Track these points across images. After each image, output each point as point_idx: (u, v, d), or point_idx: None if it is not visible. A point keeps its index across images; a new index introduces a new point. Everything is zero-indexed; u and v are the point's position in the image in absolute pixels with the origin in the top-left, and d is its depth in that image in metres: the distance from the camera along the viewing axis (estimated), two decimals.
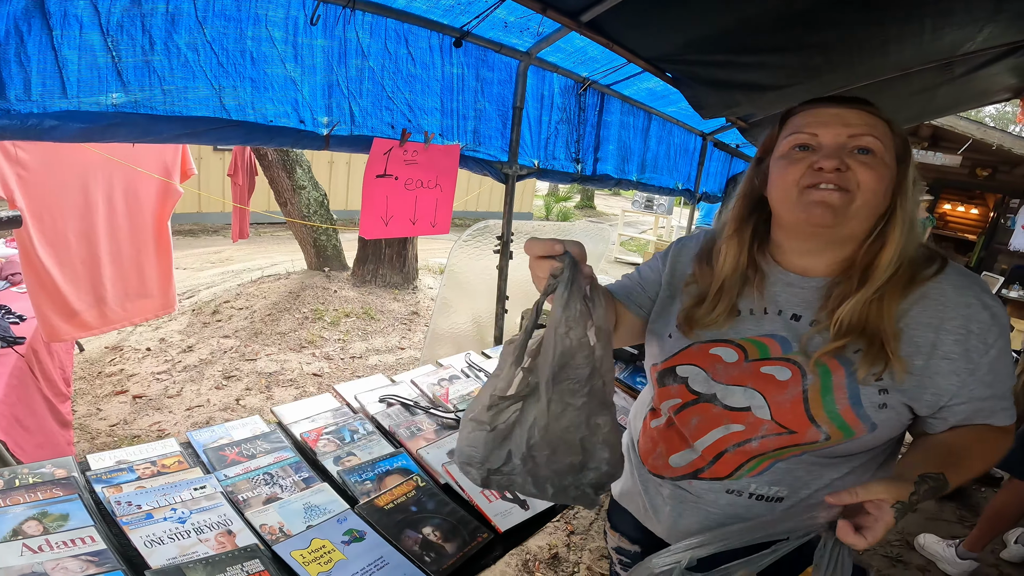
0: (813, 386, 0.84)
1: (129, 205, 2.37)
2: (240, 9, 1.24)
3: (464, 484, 1.28)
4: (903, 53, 2.13)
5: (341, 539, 1.08)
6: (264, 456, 1.32)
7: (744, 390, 0.89)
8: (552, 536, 2.31)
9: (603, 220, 15.24)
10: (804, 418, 0.84)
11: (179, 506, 1.10)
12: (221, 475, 1.22)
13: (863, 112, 0.83)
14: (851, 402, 0.81)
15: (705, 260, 0.99)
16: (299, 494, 1.20)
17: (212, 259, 6.65)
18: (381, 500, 1.19)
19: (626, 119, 2.73)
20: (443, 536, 1.14)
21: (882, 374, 0.81)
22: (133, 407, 3.17)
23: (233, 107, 1.28)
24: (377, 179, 1.61)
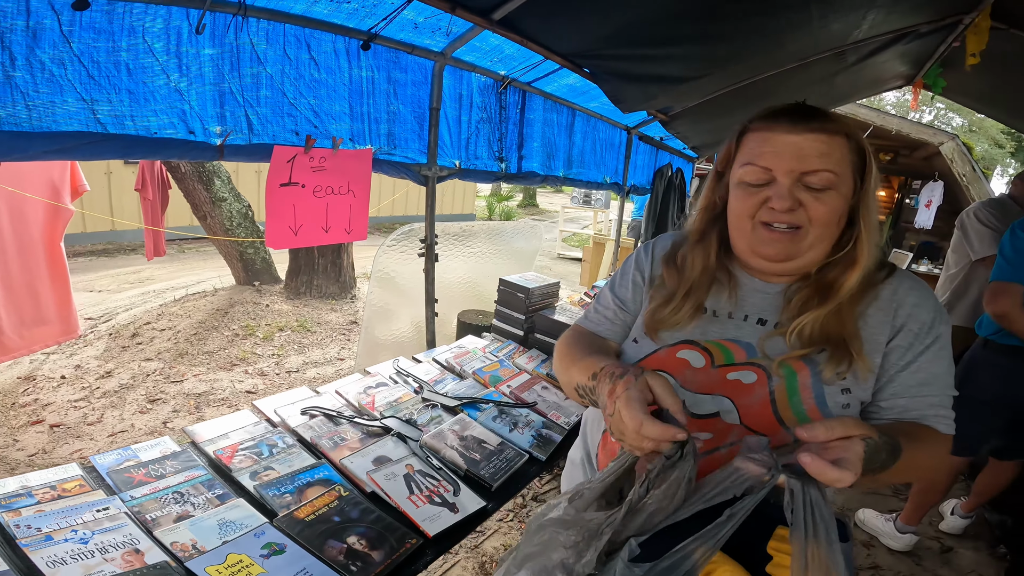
0: (779, 388, 0.83)
1: (15, 227, 2.20)
2: (112, 22, 1.17)
3: (390, 491, 1.26)
4: (798, 43, 2.26)
5: (260, 553, 1.05)
6: (174, 475, 1.27)
7: (713, 397, 0.87)
8: (507, 536, 2.31)
9: (546, 217, 15.44)
10: (773, 420, 0.83)
11: (80, 527, 1.05)
12: (126, 496, 1.17)
13: (820, 137, 0.80)
14: (817, 402, 0.82)
15: (672, 262, 0.99)
16: (213, 511, 1.16)
17: (130, 279, 6.23)
18: (301, 512, 1.17)
19: (549, 116, 2.76)
20: (369, 544, 1.12)
21: (846, 373, 0.82)
22: (51, 436, 3.00)
23: (109, 120, 1.21)
24: (281, 188, 1.56)
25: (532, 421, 1.68)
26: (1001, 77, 2.84)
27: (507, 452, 1.50)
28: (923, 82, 3.27)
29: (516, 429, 1.63)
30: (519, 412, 1.71)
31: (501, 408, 1.70)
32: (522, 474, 1.47)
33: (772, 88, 2.85)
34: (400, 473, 1.33)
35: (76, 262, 7.05)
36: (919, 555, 2.39)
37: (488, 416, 1.65)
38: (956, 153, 5.73)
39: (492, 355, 2.14)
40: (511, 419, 1.66)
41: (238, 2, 1.30)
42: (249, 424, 1.51)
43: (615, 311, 1.06)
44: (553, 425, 1.69)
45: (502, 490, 1.39)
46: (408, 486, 1.30)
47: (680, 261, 0.98)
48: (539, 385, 1.90)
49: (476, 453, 1.46)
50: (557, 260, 9.33)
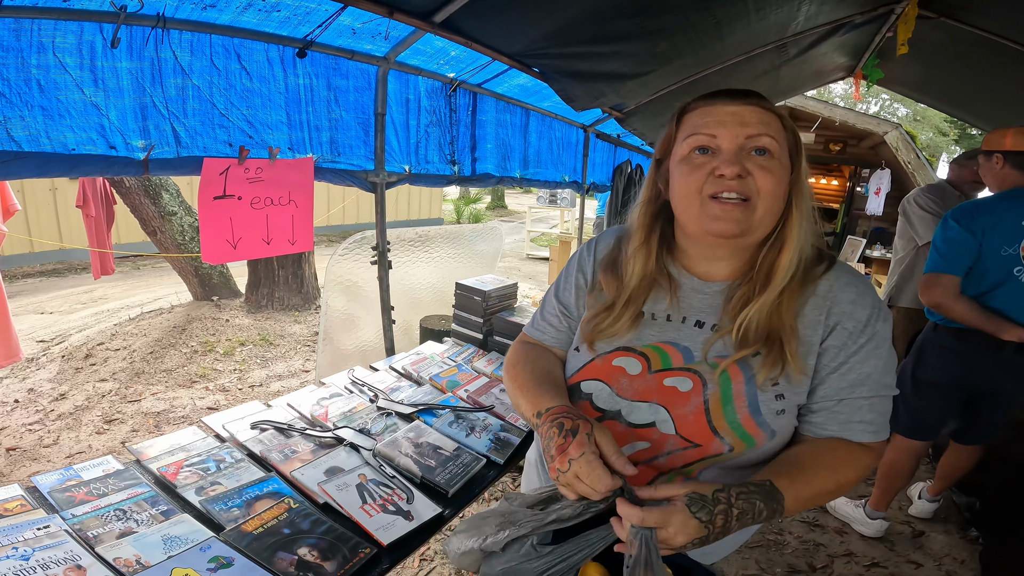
0: (713, 396, 0.82)
1: None
2: (19, 39, 1.12)
3: (342, 501, 1.25)
4: (736, 35, 2.28)
5: (207, 567, 1.03)
6: (116, 493, 1.24)
7: (649, 405, 0.86)
8: None
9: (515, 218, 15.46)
10: (707, 430, 0.82)
11: (21, 544, 1.03)
12: (68, 514, 1.15)
13: (758, 109, 0.81)
14: (751, 410, 0.80)
15: (611, 269, 0.95)
16: (157, 526, 1.13)
17: (82, 299, 5.99)
18: (249, 525, 1.15)
19: (502, 116, 2.76)
20: (321, 555, 1.10)
21: (779, 378, 0.80)
22: (7, 459, 2.92)
23: (23, 138, 1.16)
24: (216, 201, 1.52)
25: (490, 424, 1.68)
26: (933, 65, 2.95)
27: (464, 457, 1.50)
28: (862, 73, 3.37)
29: (473, 433, 1.62)
30: (476, 416, 1.70)
31: (458, 413, 1.69)
32: (480, 478, 1.46)
33: (720, 83, 2.89)
34: (353, 483, 1.32)
35: (24, 283, 6.75)
36: (892, 540, 2.42)
37: (444, 422, 1.64)
38: (900, 142, 5.95)
39: (450, 360, 2.13)
40: (468, 424, 1.66)
41: (156, 14, 1.26)
42: (197, 440, 1.48)
43: (559, 318, 1.03)
44: (511, 427, 1.69)
45: (459, 495, 1.38)
46: (361, 495, 1.29)
47: (620, 267, 0.95)
48: (497, 388, 1.90)
49: (431, 460, 1.46)
50: (526, 260, 9.35)
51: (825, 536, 2.45)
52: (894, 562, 2.29)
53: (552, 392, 0.89)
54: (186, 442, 1.46)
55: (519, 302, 2.54)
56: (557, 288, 1.05)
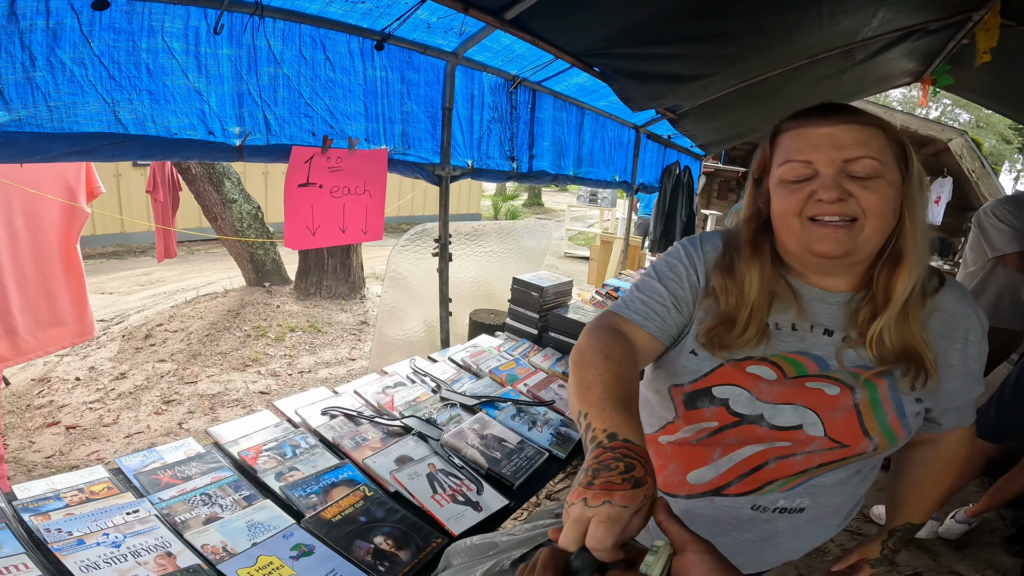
0: (863, 400, 0.83)
1: (31, 230, 2.21)
2: (131, 22, 1.17)
3: (413, 490, 1.26)
4: (806, 40, 2.26)
5: (289, 554, 1.06)
6: (200, 477, 1.26)
7: (794, 408, 0.85)
8: None
9: (551, 216, 15.42)
10: (858, 432, 0.83)
11: (111, 531, 1.05)
12: (155, 498, 1.17)
13: (854, 127, 0.77)
14: (898, 413, 0.83)
15: (727, 276, 0.91)
16: (240, 512, 1.16)
17: (141, 281, 6.27)
18: (328, 513, 1.17)
19: (559, 115, 2.77)
20: (396, 544, 1.12)
21: (922, 385, 0.83)
22: (68, 438, 3.01)
23: (130, 121, 1.21)
24: (299, 188, 1.56)
25: (550, 419, 1.68)
26: (1008, 73, 2.83)
27: (527, 450, 1.50)
28: (931, 79, 3.26)
29: (535, 427, 1.62)
30: (537, 410, 1.71)
31: (519, 407, 1.70)
32: (542, 472, 1.47)
33: (780, 86, 2.84)
34: (423, 472, 1.34)
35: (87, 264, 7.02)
36: (935, 551, 2.38)
37: (507, 415, 1.65)
38: (965, 149, 5.68)
39: (507, 354, 2.13)
40: (530, 417, 1.66)
41: (255, 2, 1.30)
42: (270, 425, 1.51)
43: (669, 309, 0.93)
44: (571, 423, 1.69)
45: (523, 488, 1.39)
46: (431, 485, 1.30)
47: (736, 276, 0.90)
48: (556, 383, 1.90)
49: (497, 452, 1.46)
50: (563, 259, 9.31)
51: None
52: (936, 572, 2.25)
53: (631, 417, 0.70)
54: (261, 426, 1.49)
55: (572, 300, 2.53)
56: (662, 277, 0.95)
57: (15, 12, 1.05)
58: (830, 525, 0.97)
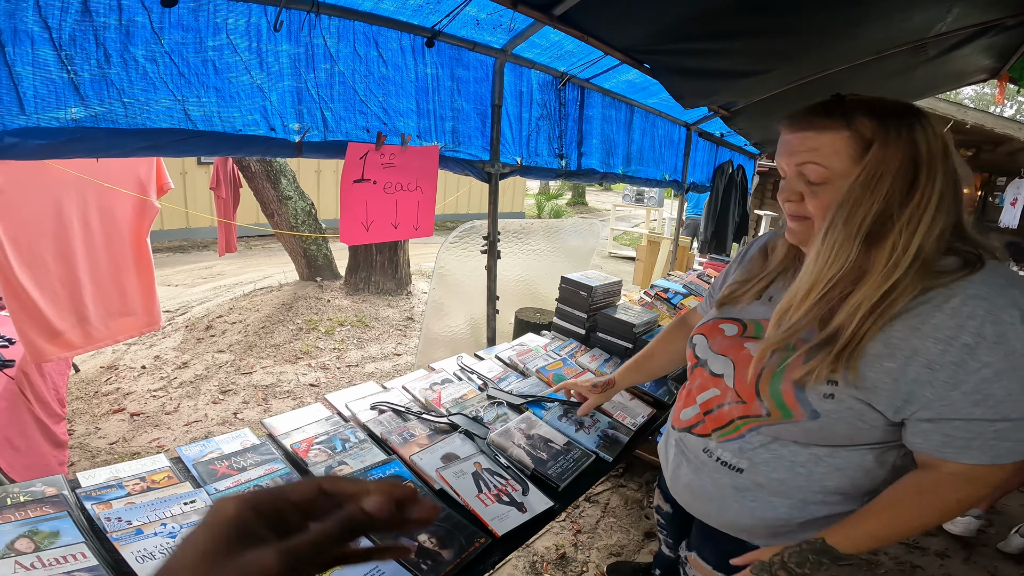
0: (771, 365, 0.90)
1: (104, 223, 2.34)
2: (198, 19, 1.21)
3: (459, 488, 1.26)
4: (873, 35, 2.12)
5: None
6: (255, 468, 1.28)
7: (725, 360, 1.00)
8: (559, 536, 2.29)
9: (595, 216, 15.25)
10: (752, 391, 0.93)
11: (169, 521, 1.07)
12: (211, 489, 1.19)
13: (807, 134, 0.85)
14: (795, 386, 0.86)
15: (763, 251, 1.11)
16: None
17: (203, 274, 6.60)
18: None
19: (608, 112, 2.71)
20: (439, 543, 1.11)
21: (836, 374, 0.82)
22: (131, 424, 3.15)
23: (199, 117, 1.25)
24: (355, 184, 1.58)
25: (598, 421, 1.64)
26: None
27: (574, 452, 1.47)
28: (1009, 76, 3.02)
29: (582, 429, 1.59)
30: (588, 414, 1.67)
31: (567, 407, 1.67)
32: (588, 475, 1.44)
33: (843, 82, 2.68)
34: (468, 471, 1.32)
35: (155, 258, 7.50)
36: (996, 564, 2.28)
37: (553, 415, 1.62)
38: None
39: (554, 353, 2.10)
40: (577, 419, 1.63)
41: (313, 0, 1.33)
42: (321, 418, 1.53)
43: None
44: (619, 426, 1.65)
45: (568, 490, 1.36)
46: (476, 484, 1.29)
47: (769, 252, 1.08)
48: None
49: (543, 452, 1.44)
50: (608, 259, 9.18)
51: (924, 559, 2.31)
52: None
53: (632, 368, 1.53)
54: (313, 419, 1.52)
55: (620, 300, 2.47)
56: (726, 275, 1.22)
57: (89, 9, 1.09)
58: (776, 504, 0.97)
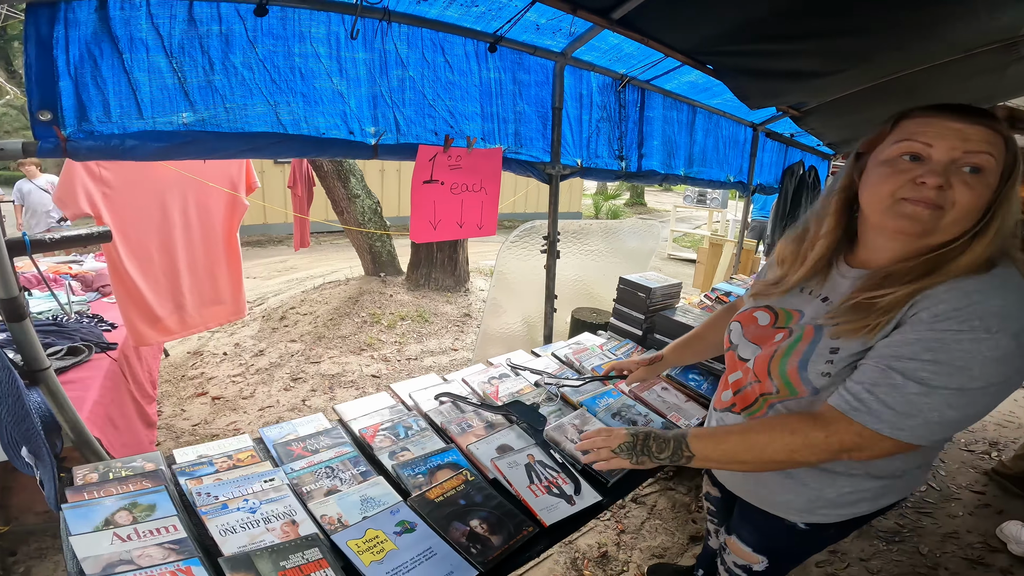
0: (782, 347, 0.98)
1: (201, 219, 2.56)
2: (285, 28, 1.32)
3: (511, 478, 1.31)
4: (957, 34, 1.99)
5: (393, 530, 1.12)
6: (326, 451, 1.39)
7: (752, 346, 1.08)
8: (602, 535, 2.30)
9: (654, 217, 14.94)
10: (765, 371, 1.01)
11: (251, 497, 1.17)
12: (288, 468, 1.29)
13: (984, 129, 0.82)
14: (799, 366, 0.95)
15: (793, 242, 1.10)
16: (357, 487, 1.25)
17: (278, 268, 7.04)
18: (432, 493, 1.23)
19: (669, 114, 2.69)
20: (489, 529, 1.16)
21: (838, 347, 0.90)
22: (212, 408, 3.37)
23: (288, 122, 1.37)
24: (424, 185, 1.68)
25: (651, 421, 1.65)
26: None
27: None
28: None
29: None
30: (639, 411, 1.68)
31: (620, 406, 1.69)
32: (637, 473, 1.44)
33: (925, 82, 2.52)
34: (522, 462, 1.37)
35: None
36: None
37: (607, 413, 1.65)
38: None
39: (610, 353, 2.12)
40: (630, 417, 1.64)
41: (383, 7, 1.42)
42: (386, 406, 1.63)
43: None
44: (672, 426, 1.65)
45: (617, 487, 1.38)
46: (528, 475, 1.33)
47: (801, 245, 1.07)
48: (659, 386, 1.86)
49: None
50: (667, 261, 8.99)
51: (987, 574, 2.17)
52: None
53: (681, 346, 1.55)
54: (379, 407, 1.62)
55: (679, 302, 2.45)
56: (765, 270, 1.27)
57: (194, 18, 1.22)
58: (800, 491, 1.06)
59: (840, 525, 1.08)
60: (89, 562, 0.95)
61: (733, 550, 1.28)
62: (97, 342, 2.30)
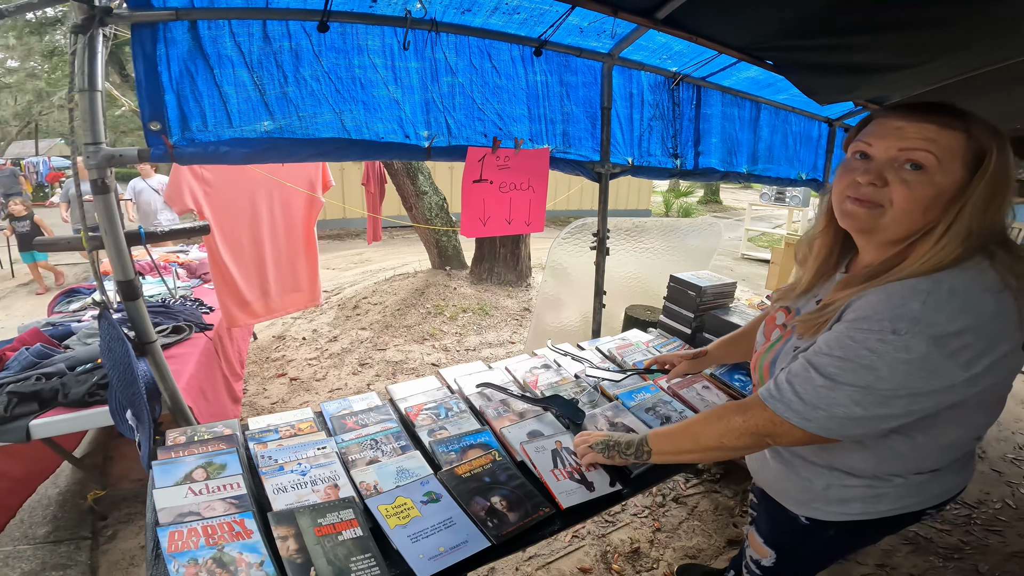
0: (766, 346, 1.08)
1: (284, 215, 2.85)
2: (345, 41, 1.47)
3: (537, 461, 1.37)
4: None
5: (420, 499, 1.23)
6: (374, 425, 1.53)
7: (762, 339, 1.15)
8: (637, 531, 2.30)
9: (730, 215, 14.33)
10: (754, 368, 1.10)
11: (304, 461, 1.32)
12: (339, 439, 1.44)
13: (929, 126, 0.82)
14: (771, 362, 1.04)
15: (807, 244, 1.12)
16: (395, 459, 1.38)
17: (354, 260, 7.50)
18: (460, 469, 1.33)
19: (729, 110, 2.64)
20: (508, 506, 1.23)
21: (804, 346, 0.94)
22: (290, 388, 3.67)
23: (352, 128, 1.52)
24: (474, 184, 1.79)
25: (686, 419, 1.66)
26: None
27: None
28: None
29: (668, 423, 1.62)
30: (675, 407, 1.70)
31: (655, 401, 1.71)
32: (664, 468, 1.44)
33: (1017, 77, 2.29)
34: (549, 447, 1.43)
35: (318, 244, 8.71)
36: None
37: (641, 407, 1.68)
38: None
39: (655, 350, 2.13)
40: (664, 413, 1.66)
41: (430, 19, 1.54)
42: (433, 388, 1.77)
43: None
44: None
45: (640, 479, 1.40)
46: (553, 460, 1.39)
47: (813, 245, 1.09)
48: (700, 384, 1.86)
49: None
50: (740, 260, 8.62)
51: None
52: None
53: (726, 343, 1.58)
54: (427, 388, 1.76)
55: (735, 303, 2.41)
56: None
57: (267, 35, 1.39)
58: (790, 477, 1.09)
59: (839, 526, 1.07)
60: (165, 512, 1.12)
61: (751, 543, 1.30)
62: (197, 323, 2.61)
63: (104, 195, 1.29)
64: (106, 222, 1.32)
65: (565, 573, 2.06)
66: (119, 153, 1.29)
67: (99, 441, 2.94)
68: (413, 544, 1.11)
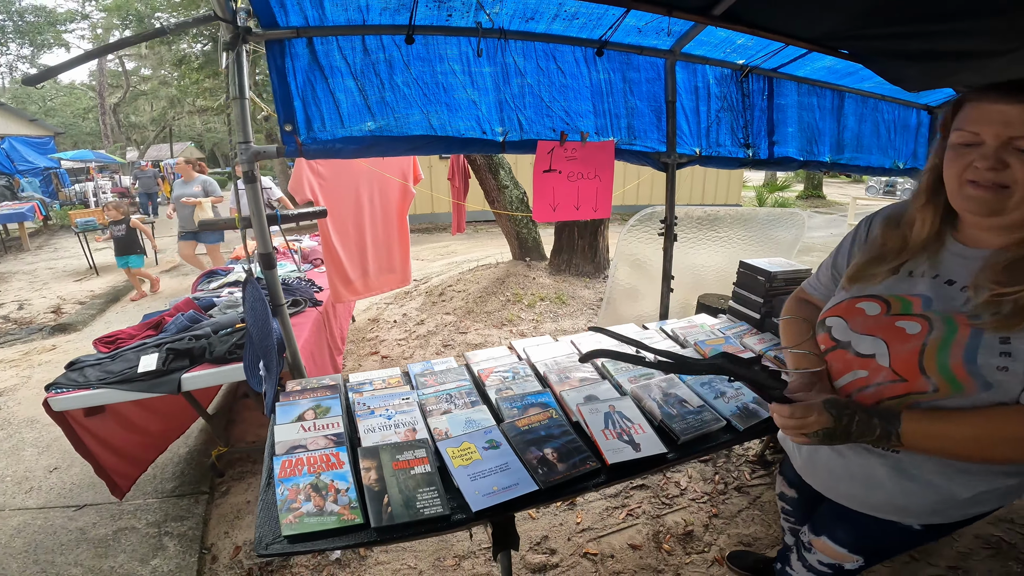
0: (934, 340, 0.91)
1: (382, 203, 3.23)
2: (428, 51, 1.72)
3: (590, 421, 1.50)
4: None
5: (483, 445, 1.41)
6: (451, 383, 1.78)
7: (873, 339, 0.99)
8: (693, 515, 2.31)
9: (834, 209, 13.33)
10: (916, 368, 0.92)
11: (390, 408, 1.59)
12: (420, 392, 1.71)
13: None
14: (965, 359, 0.87)
15: (893, 224, 1.08)
16: (465, 411, 1.60)
17: (441, 252, 7.97)
18: (520, 422, 1.51)
19: (807, 100, 2.61)
20: (559, 457, 1.37)
21: (1010, 336, 0.85)
22: (381, 365, 4.04)
23: (437, 126, 1.78)
24: (544, 174, 1.99)
25: (743, 395, 1.69)
26: None
27: (705, 414, 1.58)
28: None
29: (722, 398, 1.67)
30: (731, 385, 1.73)
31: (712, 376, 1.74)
32: (713, 437, 1.52)
33: None
34: (603, 410, 1.57)
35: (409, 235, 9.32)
36: None
37: (697, 381, 1.74)
38: None
39: (720, 332, 2.17)
40: (720, 389, 1.71)
41: (499, 28, 1.74)
42: (504, 355, 1.99)
43: (832, 279, 1.25)
44: (762, 403, 1.66)
45: (688, 445, 1.48)
46: (605, 421, 1.52)
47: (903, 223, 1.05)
48: None
49: (674, 408, 1.59)
50: None
51: None
52: None
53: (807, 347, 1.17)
54: (499, 356, 1.98)
55: None
56: (835, 256, 1.25)
57: (367, 48, 1.66)
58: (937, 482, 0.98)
59: (955, 524, 1.04)
60: (280, 444, 1.42)
61: (822, 550, 1.22)
62: (310, 299, 3.05)
63: (251, 184, 1.63)
64: (253, 204, 1.66)
65: (616, 547, 2.14)
66: (263, 150, 1.63)
67: (224, 405, 3.46)
68: (472, 482, 1.30)
